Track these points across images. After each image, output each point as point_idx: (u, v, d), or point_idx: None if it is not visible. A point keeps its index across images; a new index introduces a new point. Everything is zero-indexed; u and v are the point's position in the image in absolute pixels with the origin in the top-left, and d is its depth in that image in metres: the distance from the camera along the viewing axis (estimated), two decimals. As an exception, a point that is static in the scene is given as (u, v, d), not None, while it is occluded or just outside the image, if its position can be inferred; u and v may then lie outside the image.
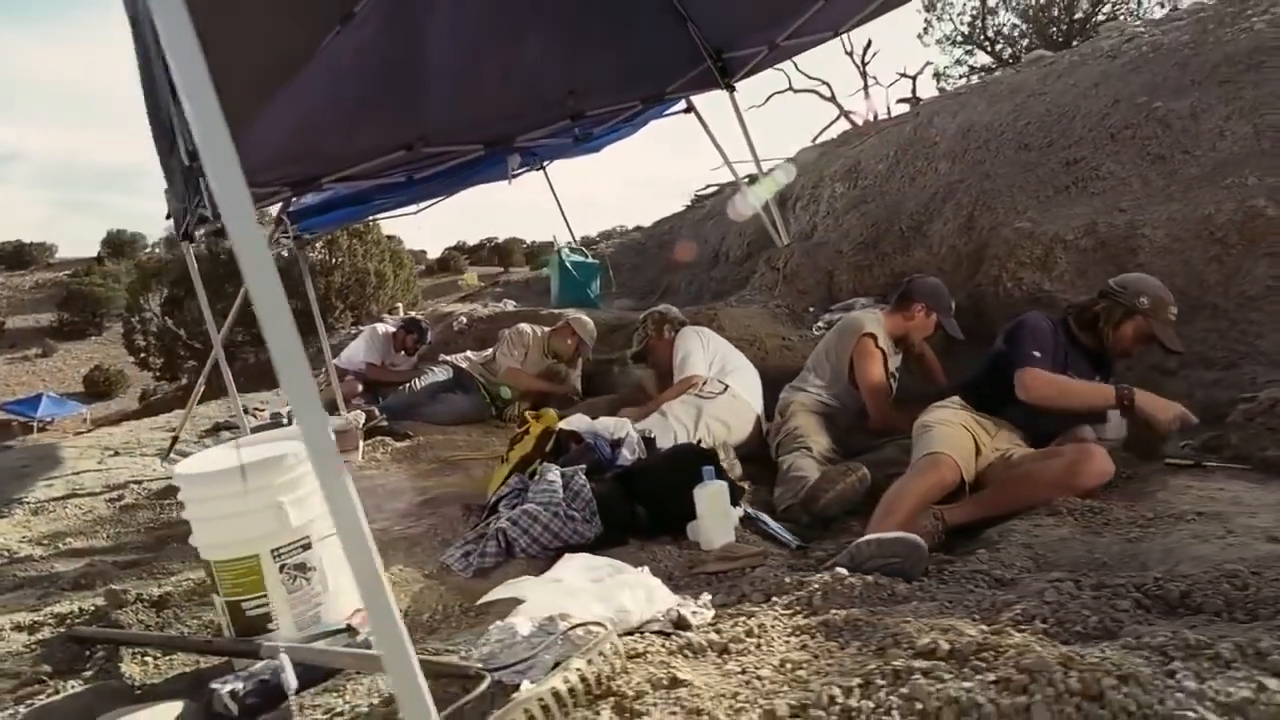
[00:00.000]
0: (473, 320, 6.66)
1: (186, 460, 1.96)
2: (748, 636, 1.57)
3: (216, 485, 1.78)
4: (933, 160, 5.20)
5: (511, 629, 1.46)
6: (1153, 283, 2.63)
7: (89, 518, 3.42)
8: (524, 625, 1.47)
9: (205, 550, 1.84)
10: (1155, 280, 2.65)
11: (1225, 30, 4.06)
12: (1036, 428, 2.68)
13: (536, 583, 1.75)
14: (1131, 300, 2.58)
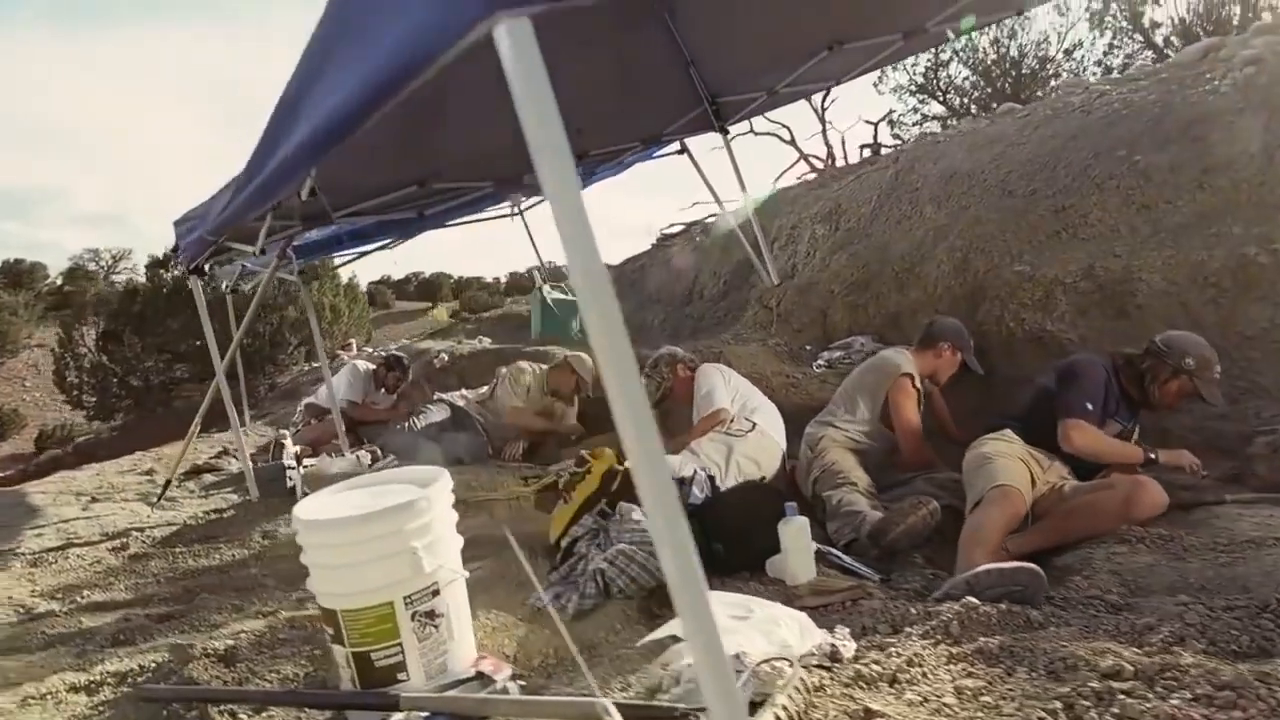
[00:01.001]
0: (454, 357, 6.56)
1: (304, 504, 1.89)
2: (910, 666, 1.61)
3: (348, 531, 1.73)
4: (917, 204, 5.46)
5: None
6: (1197, 341, 2.81)
7: (98, 569, 3.22)
8: (711, 664, 1.47)
9: (329, 599, 1.78)
10: (1199, 339, 2.83)
11: (1190, 92, 4.44)
12: (1084, 462, 2.84)
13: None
14: (1178, 361, 2.76)
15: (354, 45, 1.19)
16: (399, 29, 1.05)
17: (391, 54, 1.08)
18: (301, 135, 1.58)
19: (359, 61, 1.18)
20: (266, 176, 1.92)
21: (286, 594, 2.89)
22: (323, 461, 4.11)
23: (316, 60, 1.42)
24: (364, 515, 1.72)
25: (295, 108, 1.61)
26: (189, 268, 3.91)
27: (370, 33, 1.13)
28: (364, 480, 2.04)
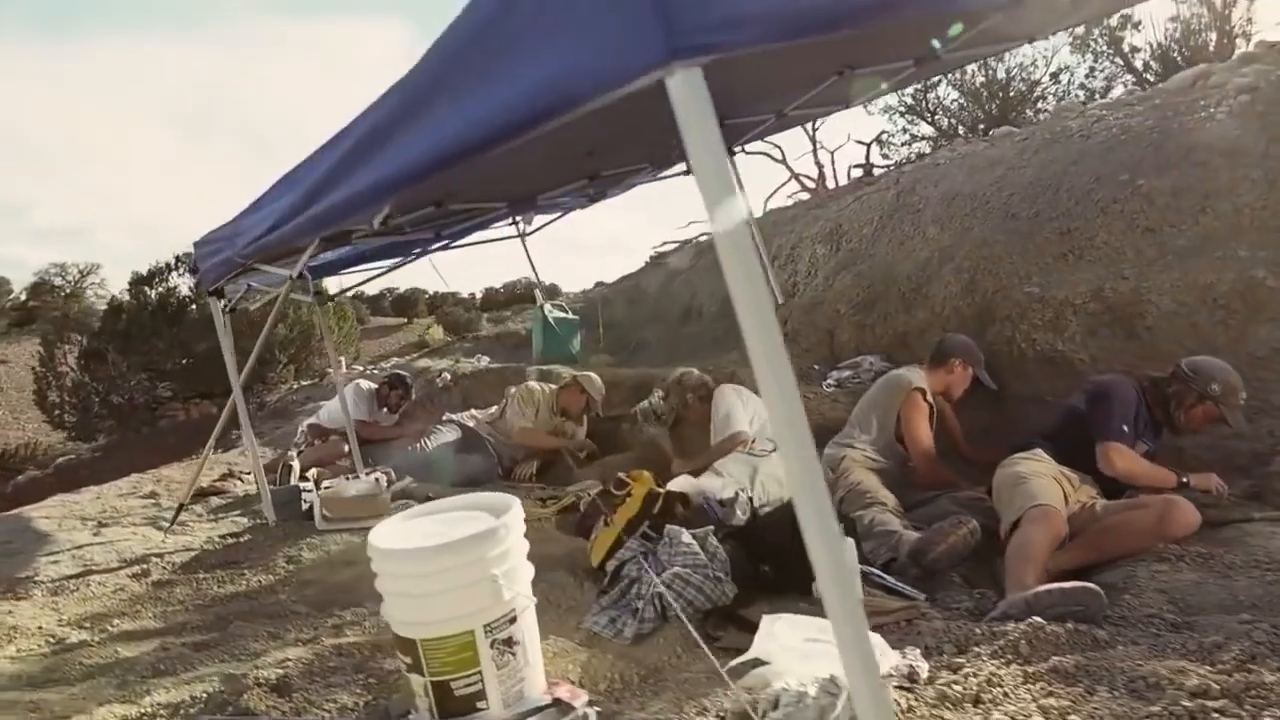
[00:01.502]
0: (456, 377, 6.54)
1: (378, 532, 1.88)
2: (990, 686, 1.64)
3: (432, 560, 1.73)
4: (919, 225, 5.56)
5: (800, 694, 1.49)
6: (1223, 367, 2.89)
7: (122, 596, 3.16)
8: (810, 687, 1.50)
9: (408, 627, 1.77)
10: (1224, 364, 2.91)
11: (1187, 118, 4.59)
12: (1111, 482, 2.90)
13: (775, 645, 1.77)
14: (1204, 386, 2.84)
15: (479, 82, 1.21)
16: (545, 70, 1.08)
17: (533, 94, 1.11)
18: (395, 165, 1.60)
19: (485, 97, 1.20)
20: (337, 202, 1.92)
21: (321, 620, 2.86)
22: (340, 484, 4.07)
23: (421, 93, 1.44)
24: (448, 544, 1.73)
25: (385, 136, 1.63)
26: (210, 289, 3.86)
27: (504, 71, 1.15)
28: (431, 508, 2.03)
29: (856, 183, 8.91)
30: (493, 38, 1.13)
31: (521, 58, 1.10)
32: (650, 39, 0.93)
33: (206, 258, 3.64)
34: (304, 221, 2.18)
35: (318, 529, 3.88)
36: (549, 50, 1.06)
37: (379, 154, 1.64)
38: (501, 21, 1.12)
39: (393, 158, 1.58)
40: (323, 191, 2.00)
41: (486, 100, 1.19)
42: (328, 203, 1.95)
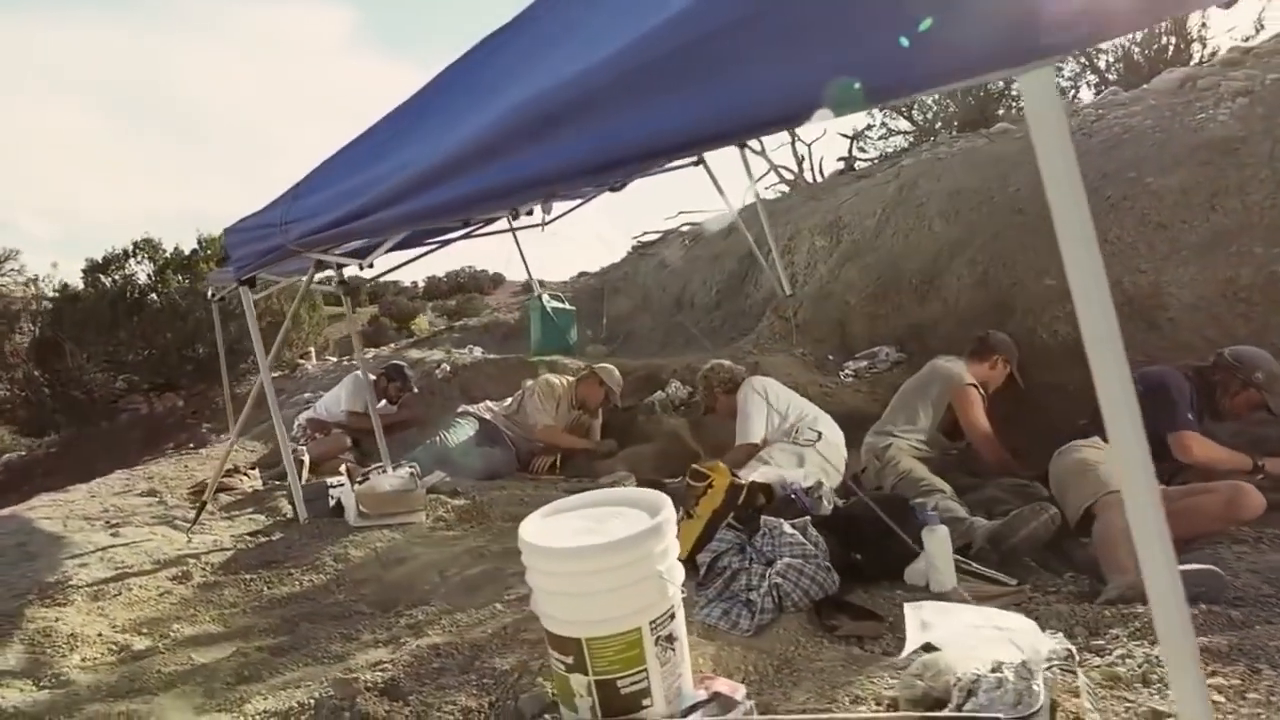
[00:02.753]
0: (456, 368, 6.42)
1: (530, 531, 1.84)
2: (1152, 666, 1.70)
3: (602, 558, 1.70)
4: (924, 219, 5.67)
5: (1000, 679, 1.51)
6: (1266, 356, 3.04)
7: (171, 600, 3.02)
8: (1006, 672, 1.53)
9: (573, 626, 1.74)
10: (1265, 353, 3.06)
11: (1188, 119, 4.79)
12: (1164, 467, 3.03)
13: (944, 633, 1.80)
14: (1249, 374, 2.98)
15: (755, 64, 1.18)
16: (863, 57, 1.06)
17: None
18: (566, 156, 1.55)
19: (762, 82, 1.18)
20: (466, 193, 1.85)
21: (390, 620, 2.80)
22: (375, 479, 3.96)
23: (617, 91, 1.40)
24: (618, 541, 1.70)
25: (552, 123, 1.57)
26: (243, 278, 3.69)
27: (790, 56, 1.13)
28: (571, 503, 2.00)
29: (838, 176, 9.04)
30: (783, 17, 1.10)
31: (823, 43, 1.07)
32: (1016, 34, 0.92)
33: (242, 245, 3.48)
34: (413, 209, 2.09)
35: (352, 525, 3.77)
36: (871, 38, 1.04)
37: (530, 143, 1.58)
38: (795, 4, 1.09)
39: (565, 149, 1.53)
40: (444, 178, 1.92)
41: (760, 85, 1.16)
42: (452, 195, 1.87)
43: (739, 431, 4.16)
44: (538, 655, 2.24)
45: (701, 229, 8.29)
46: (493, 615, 2.73)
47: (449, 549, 3.48)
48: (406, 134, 2.49)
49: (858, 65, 1.03)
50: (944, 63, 0.99)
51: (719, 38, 1.23)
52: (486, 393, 6.26)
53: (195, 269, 9.46)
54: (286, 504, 4.38)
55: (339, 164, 2.95)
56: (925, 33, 0.99)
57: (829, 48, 1.05)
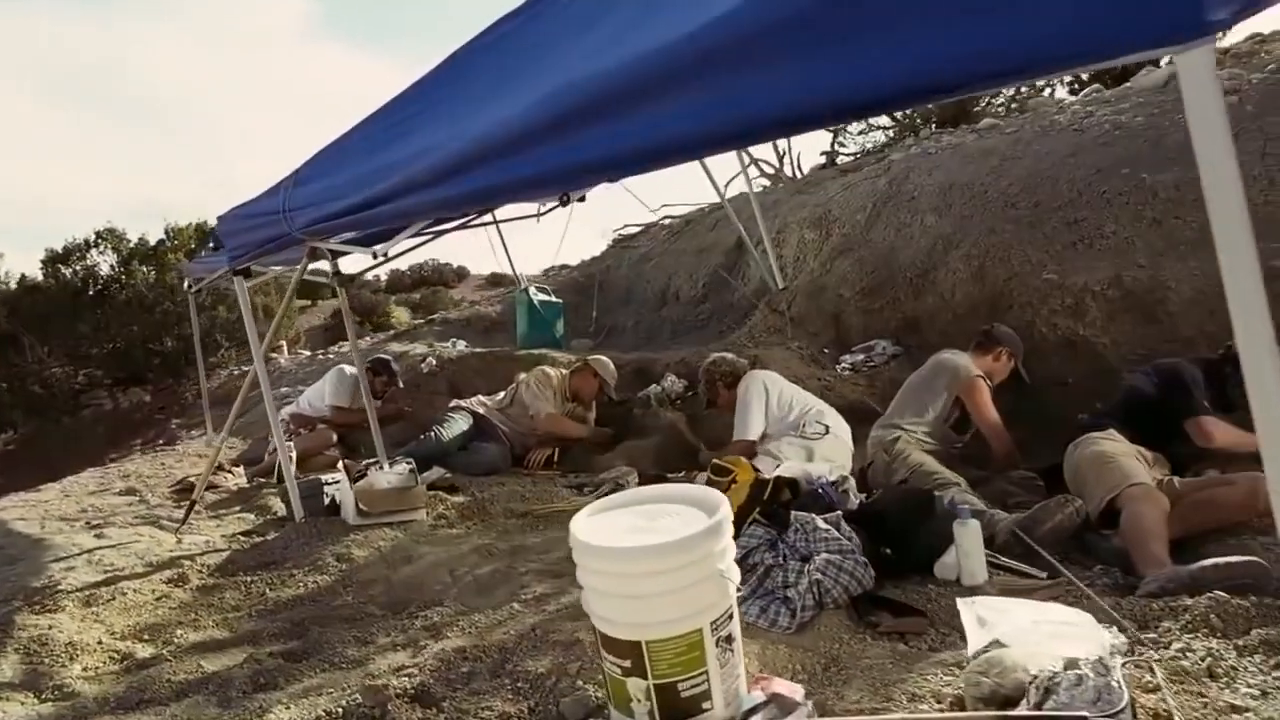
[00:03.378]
0: (442, 361, 6.29)
1: (585, 529, 1.77)
2: (1215, 659, 1.70)
3: (664, 558, 1.64)
4: (916, 213, 5.69)
5: (1079, 675, 1.49)
6: None
7: (170, 605, 2.89)
8: (1085, 669, 1.50)
9: (632, 629, 1.67)
10: None
11: (1180, 116, 4.85)
12: (1177, 459, 3.06)
13: (1009, 629, 1.77)
14: None
15: (872, 34, 1.12)
16: (994, 31, 1.01)
17: (961, 58, 1.04)
18: (646, 136, 1.47)
19: (880, 55, 1.12)
20: (520, 176, 1.77)
21: (405, 622, 2.71)
22: (373, 475, 3.83)
23: (736, 58, 1.31)
24: (681, 540, 1.64)
25: (631, 104, 1.50)
26: (238, 268, 3.53)
27: (915, 27, 1.07)
28: (621, 501, 1.93)
29: (820, 170, 9.05)
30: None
31: (952, 16, 1.01)
32: (1178, 8, 0.88)
33: (238, 233, 3.33)
34: (451, 194, 2.00)
35: (351, 524, 3.65)
36: (1009, 8, 0.99)
37: (621, 119, 1.49)
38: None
39: (655, 125, 1.44)
40: (491, 159, 1.83)
41: (880, 59, 1.10)
42: (505, 176, 1.78)
43: (737, 426, 4.13)
44: (573, 657, 2.18)
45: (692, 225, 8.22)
46: (511, 616, 2.66)
47: (455, 548, 3.38)
48: (431, 114, 2.38)
49: (1026, 36, 0.98)
50: (1102, 38, 0.94)
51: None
52: (474, 387, 6.15)
53: (162, 260, 9.15)
54: (278, 502, 4.24)
55: (350, 148, 2.83)
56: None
57: (996, 13, 0.99)
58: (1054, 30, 0.96)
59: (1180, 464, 3.08)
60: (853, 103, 1.21)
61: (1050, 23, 0.96)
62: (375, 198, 2.36)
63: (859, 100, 1.21)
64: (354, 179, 2.61)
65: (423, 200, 2.09)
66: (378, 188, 2.36)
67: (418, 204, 2.16)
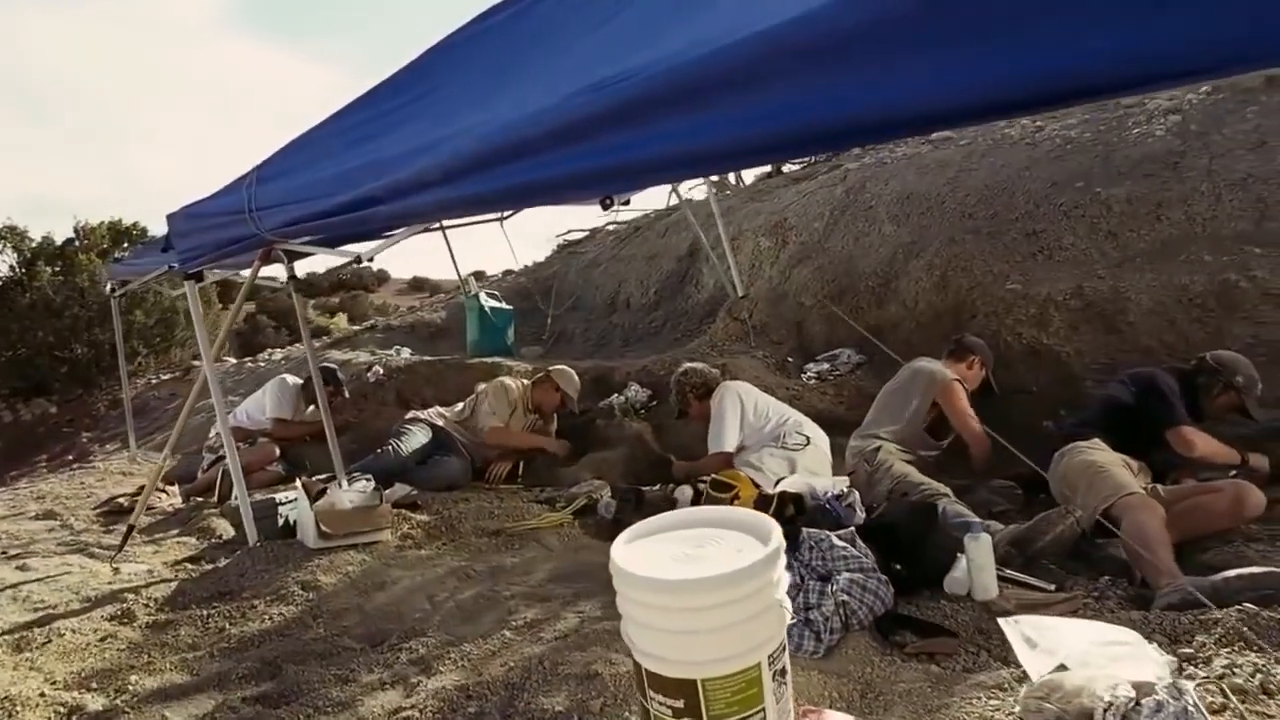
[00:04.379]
0: (390, 370, 6.00)
1: (631, 560, 1.63)
2: (1262, 675, 1.68)
3: (724, 590, 1.51)
4: (874, 222, 5.75)
5: (1160, 701, 1.44)
6: (1245, 362, 3.17)
7: (117, 646, 2.59)
8: (1162, 694, 1.46)
9: (687, 668, 1.54)
10: (1245, 359, 3.20)
11: (1126, 134, 5.05)
12: (1155, 467, 3.12)
13: (1070, 651, 1.71)
14: (1230, 377, 3.10)
15: (1020, 25, 1.03)
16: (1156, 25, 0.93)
17: (1118, 56, 0.96)
18: (749, 126, 1.33)
19: (1028, 47, 1.03)
20: (573, 171, 1.61)
21: (388, 657, 2.50)
22: (333, 494, 3.57)
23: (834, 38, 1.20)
24: (743, 570, 1.52)
25: (720, 95, 1.36)
26: (189, 271, 3.21)
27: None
28: (659, 526, 1.79)
29: (766, 179, 9.10)
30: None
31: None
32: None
33: (192, 233, 3.03)
34: (472, 193, 1.82)
35: (312, 547, 3.39)
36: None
37: (710, 110, 1.36)
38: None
39: (745, 119, 1.32)
40: (525, 156, 1.67)
41: (1027, 53, 1.01)
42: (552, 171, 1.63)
43: (712, 439, 4.05)
44: (593, 693, 2.03)
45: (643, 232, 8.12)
46: (505, 645, 2.49)
47: (429, 571, 3.18)
48: (426, 106, 2.21)
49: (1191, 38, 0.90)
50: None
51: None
52: (424, 397, 5.89)
53: (72, 260, 8.47)
54: (223, 524, 3.93)
55: (321, 143, 2.62)
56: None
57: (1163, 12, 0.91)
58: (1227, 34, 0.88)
59: (1159, 472, 3.15)
60: (974, 105, 1.13)
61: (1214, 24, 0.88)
62: (369, 196, 2.16)
63: (980, 102, 1.12)
64: (338, 176, 2.40)
65: (438, 198, 1.91)
66: (370, 185, 2.17)
67: (429, 203, 1.98)
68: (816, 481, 2.92)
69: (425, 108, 2.22)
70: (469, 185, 1.84)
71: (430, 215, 2.26)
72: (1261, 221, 4.15)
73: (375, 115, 2.43)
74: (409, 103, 2.29)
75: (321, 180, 2.49)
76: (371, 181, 2.18)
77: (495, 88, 1.93)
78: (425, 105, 2.23)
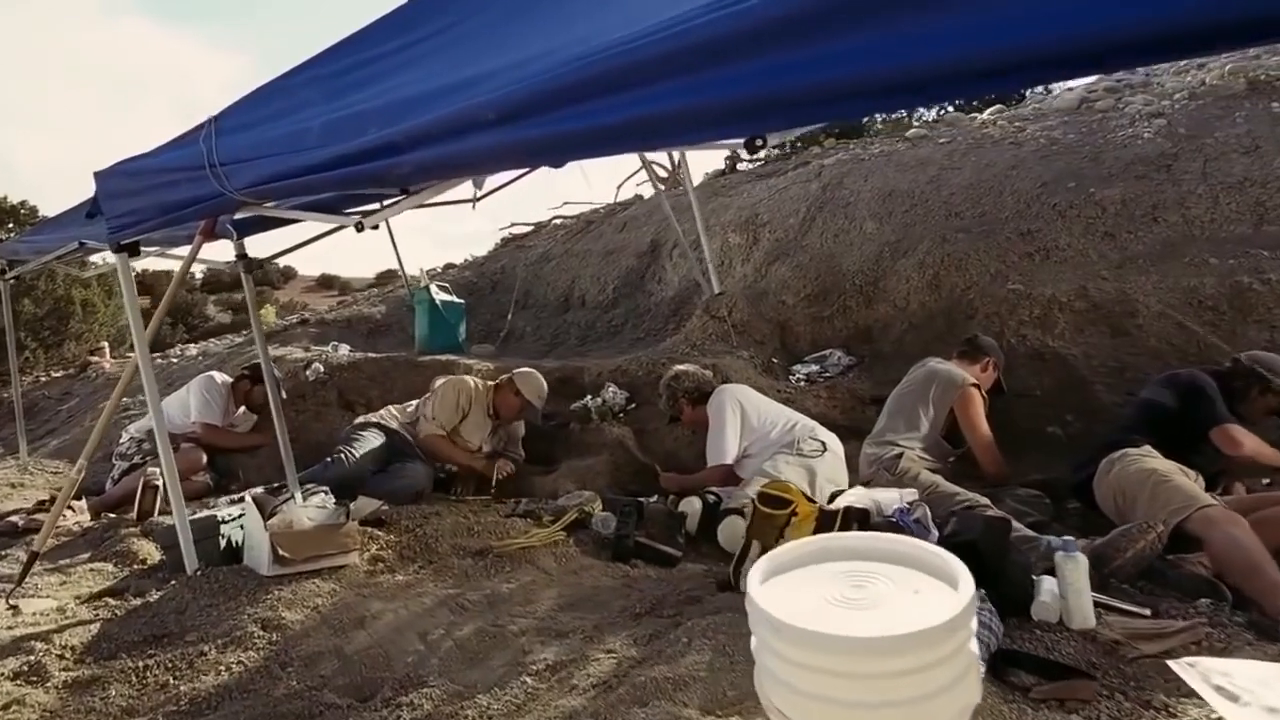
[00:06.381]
0: (331, 369, 5.39)
1: (767, 599, 1.25)
2: None
3: (930, 647, 1.16)
4: (854, 220, 5.54)
5: None
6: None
7: (28, 716, 2.02)
8: None
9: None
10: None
11: (1112, 135, 5.00)
12: (1208, 474, 2.95)
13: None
14: (1268, 380, 2.97)
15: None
16: None
17: None
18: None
19: None
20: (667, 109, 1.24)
21: (382, 714, 2.04)
22: (288, 511, 3.03)
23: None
24: (940, 626, 1.16)
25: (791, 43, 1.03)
26: (122, 242, 2.60)
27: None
28: (797, 558, 1.42)
29: (720, 176, 8.86)
30: None
31: None
32: None
33: (129, 195, 2.45)
34: (530, 137, 1.42)
35: (266, 575, 2.85)
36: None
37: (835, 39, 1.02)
38: None
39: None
40: (604, 94, 1.29)
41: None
42: (667, 103, 1.25)
43: (711, 449, 3.72)
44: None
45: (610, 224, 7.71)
46: (531, 698, 2.07)
47: (414, 602, 2.70)
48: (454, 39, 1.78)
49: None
50: None
51: None
52: (369, 398, 5.32)
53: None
54: (145, 546, 3.33)
55: (303, 91, 2.14)
56: None
57: None
58: None
59: (1207, 478, 2.99)
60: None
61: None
62: (383, 144, 1.71)
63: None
64: (330, 125, 1.94)
65: (489, 144, 1.48)
66: (383, 132, 1.72)
67: (468, 151, 1.55)
68: (881, 496, 2.60)
69: (455, 40, 1.79)
70: (542, 124, 1.42)
71: (471, 165, 1.82)
72: (1261, 225, 4.12)
73: (374, 58, 1.98)
74: (430, 36, 1.85)
75: (307, 131, 2.01)
76: (380, 128, 1.73)
77: (565, 15, 1.53)
78: (455, 37, 1.80)
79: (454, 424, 4.22)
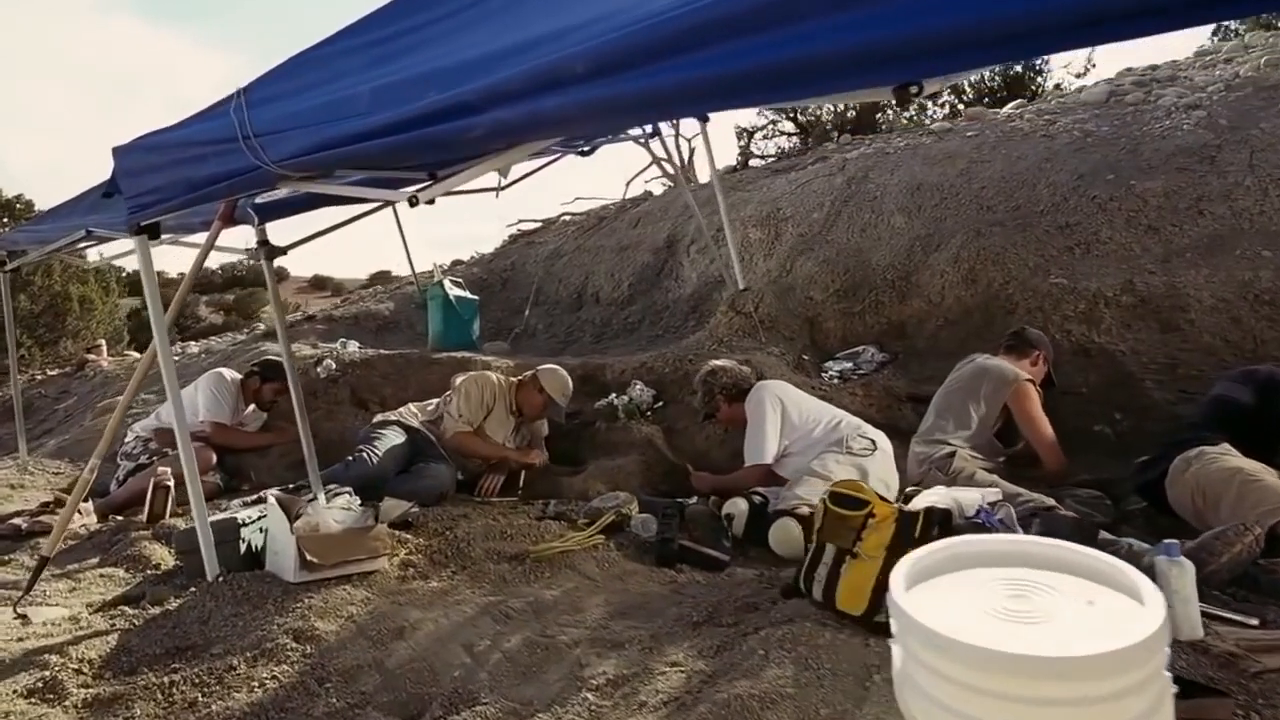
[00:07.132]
0: (343, 366, 5.21)
1: (915, 607, 1.08)
2: None
3: (1124, 671, 1.00)
4: (882, 214, 5.39)
5: None
6: None
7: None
8: None
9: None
10: None
11: (1148, 127, 4.87)
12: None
13: None
14: None
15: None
16: None
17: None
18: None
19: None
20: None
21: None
22: (314, 513, 2.85)
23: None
24: (1135, 646, 1.01)
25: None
26: (142, 223, 2.41)
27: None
28: (940, 560, 1.26)
29: (731, 172, 8.71)
30: None
31: None
32: None
33: (152, 171, 2.27)
34: (640, 89, 1.26)
35: (292, 581, 2.68)
36: None
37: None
38: None
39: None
40: (758, 26, 1.13)
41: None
42: (805, 46, 1.09)
43: (749, 449, 3.56)
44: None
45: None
46: (596, 715, 1.92)
47: (454, 610, 2.53)
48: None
49: None
50: None
51: None
52: (383, 395, 5.15)
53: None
54: (158, 550, 3.15)
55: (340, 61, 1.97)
56: None
57: None
58: None
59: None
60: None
61: None
62: (455, 104, 1.54)
63: None
64: (380, 90, 1.77)
65: (584, 98, 1.32)
66: (457, 91, 1.55)
67: (558, 107, 1.38)
68: (962, 495, 2.44)
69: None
70: (642, 75, 1.26)
71: (553, 125, 1.63)
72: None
73: (424, 23, 1.81)
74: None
75: (354, 97, 1.84)
76: (443, 90, 1.57)
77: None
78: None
79: (479, 420, 4.05)
